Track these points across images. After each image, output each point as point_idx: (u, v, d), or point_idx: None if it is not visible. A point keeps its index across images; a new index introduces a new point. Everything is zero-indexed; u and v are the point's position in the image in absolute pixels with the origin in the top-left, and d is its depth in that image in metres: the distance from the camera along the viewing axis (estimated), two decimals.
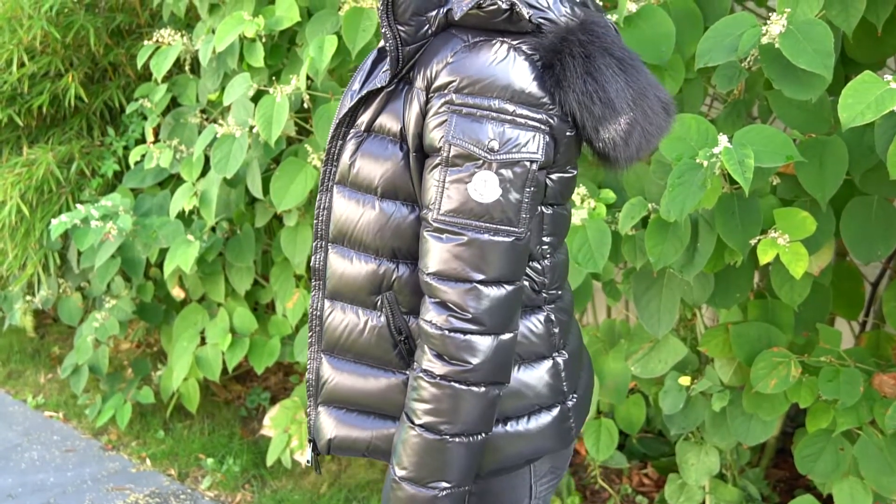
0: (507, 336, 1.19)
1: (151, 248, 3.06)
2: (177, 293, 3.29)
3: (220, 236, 3.01)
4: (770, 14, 1.68)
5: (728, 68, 1.82)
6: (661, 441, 3.00)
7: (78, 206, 2.93)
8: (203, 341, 3.16)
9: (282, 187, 2.55)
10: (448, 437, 1.17)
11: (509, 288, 1.17)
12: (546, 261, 1.28)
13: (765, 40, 1.66)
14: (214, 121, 3.00)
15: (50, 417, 3.67)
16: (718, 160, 1.60)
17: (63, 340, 4.32)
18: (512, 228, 1.15)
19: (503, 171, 1.13)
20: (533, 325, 1.29)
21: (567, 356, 1.33)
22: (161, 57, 2.83)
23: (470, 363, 1.16)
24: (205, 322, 3.18)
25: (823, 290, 2.11)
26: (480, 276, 1.15)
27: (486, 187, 1.13)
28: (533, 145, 1.13)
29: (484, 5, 1.13)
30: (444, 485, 1.19)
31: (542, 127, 1.13)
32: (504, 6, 1.12)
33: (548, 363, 1.31)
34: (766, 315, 2.11)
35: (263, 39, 2.56)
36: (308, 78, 2.40)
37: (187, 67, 3.07)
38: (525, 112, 1.12)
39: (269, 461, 2.97)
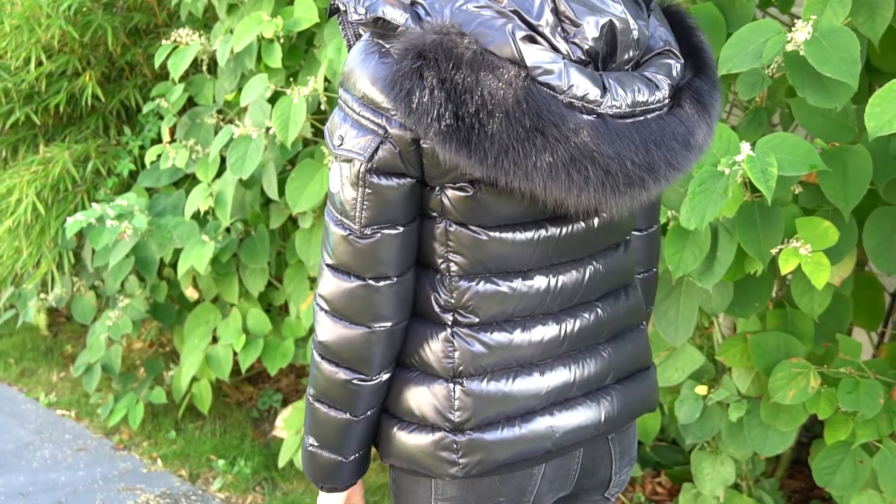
0: (358, 328, 1.22)
1: (166, 248, 3.06)
2: (190, 293, 3.29)
3: (235, 237, 3.01)
4: (794, 21, 1.67)
5: (751, 75, 1.80)
6: (674, 450, 2.98)
7: (93, 204, 2.93)
8: (215, 341, 3.16)
9: (297, 189, 2.54)
10: (310, 398, 1.30)
11: (356, 282, 1.21)
12: (455, 280, 1.23)
13: (789, 47, 1.64)
14: (231, 121, 3.00)
15: (62, 416, 3.67)
16: (741, 168, 1.58)
17: (76, 339, 4.33)
18: (347, 222, 1.18)
19: (342, 165, 1.17)
20: (430, 338, 1.26)
21: (472, 391, 1.25)
22: (178, 57, 2.83)
23: (318, 337, 1.26)
24: (217, 321, 3.18)
25: (843, 301, 2.09)
26: (328, 260, 1.22)
27: (332, 177, 1.19)
28: (364, 145, 1.14)
29: (363, 19, 1.13)
30: (312, 440, 1.32)
31: (378, 131, 1.13)
32: (370, 17, 1.12)
33: (439, 385, 1.26)
34: (786, 325, 2.09)
35: (281, 40, 2.55)
36: (326, 79, 2.39)
37: (204, 67, 3.07)
38: (367, 113, 1.13)
39: (281, 463, 2.96)
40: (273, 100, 2.57)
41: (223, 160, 2.78)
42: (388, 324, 1.24)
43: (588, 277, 1.30)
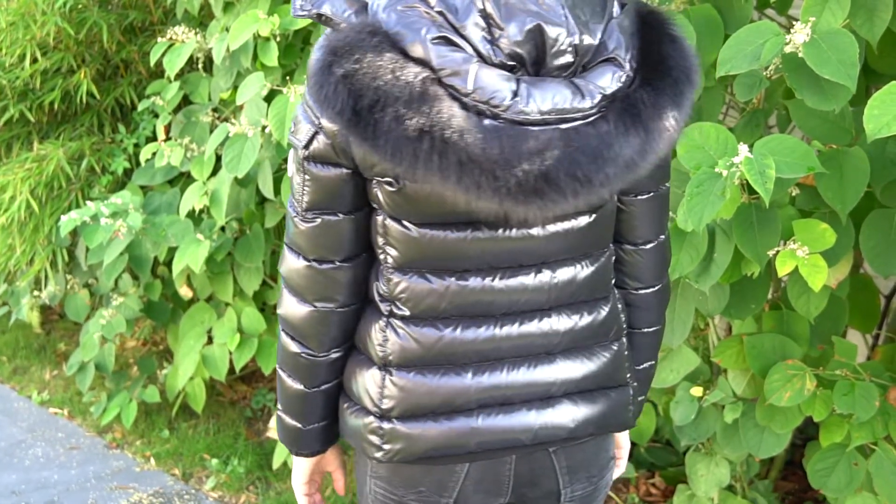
0: (305, 306, 1.30)
1: (160, 247, 3.05)
2: (184, 292, 3.28)
3: (230, 236, 3.00)
4: (791, 22, 1.67)
5: (749, 77, 1.80)
6: (669, 451, 2.98)
7: (87, 202, 2.92)
8: (210, 341, 3.15)
9: None
10: (277, 364, 1.39)
11: (302, 262, 1.28)
12: (390, 271, 1.26)
13: (788, 49, 1.64)
14: (226, 120, 2.99)
15: (55, 414, 3.66)
16: (738, 170, 1.58)
17: (69, 337, 4.31)
18: (296, 205, 1.25)
19: (292, 151, 1.25)
20: (372, 325, 1.31)
21: (399, 382, 1.28)
22: (174, 54, 2.82)
23: (278, 308, 1.35)
24: (212, 321, 3.17)
25: (839, 303, 2.09)
26: (286, 238, 1.29)
27: (289, 160, 1.28)
28: (304, 134, 1.21)
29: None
30: (279, 405, 1.41)
31: (315, 121, 1.19)
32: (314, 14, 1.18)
33: (373, 371, 1.30)
34: (781, 326, 2.09)
35: (278, 38, 2.54)
36: None
37: (200, 65, 3.05)
38: (309, 102, 1.19)
39: (275, 464, 2.95)
40: (269, 98, 2.56)
41: (218, 158, 2.77)
42: (332, 305, 1.30)
43: (536, 286, 1.27)
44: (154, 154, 2.99)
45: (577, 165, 1.08)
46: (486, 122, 1.07)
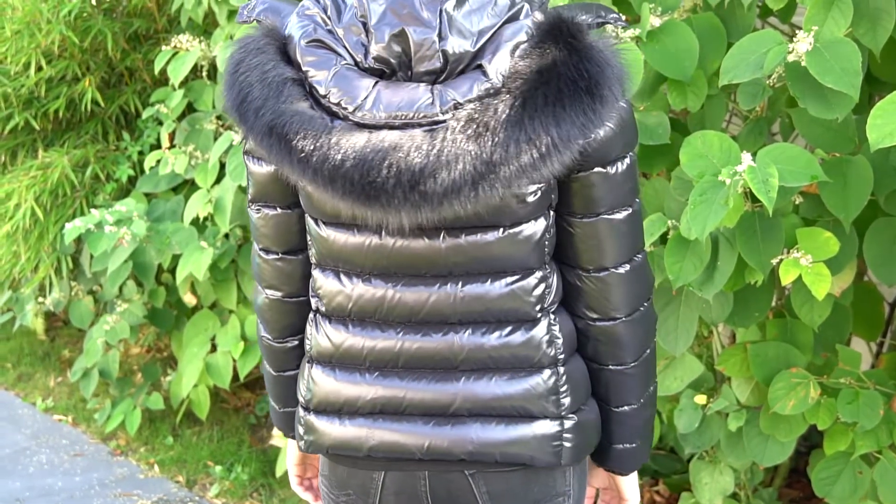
0: (260, 292, 1.38)
1: (164, 254, 3.06)
2: (188, 299, 3.28)
3: (234, 243, 3.00)
4: (794, 31, 1.67)
5: (752, 85, 1.80)
6: (673, 458, 2.97)
7: (92, 210, 2.93)
8: (214, 348, 3.15)
9: None
10: None
11: (256, 251, 1.36)
12: (314, 267, 1.31)
13: (791, 58, 1.64)
14: (230, 127, 3.00)
15: (59, 421, 3.66)
16: (742, 178, 1.58)
17: (73, 344, 4.32)
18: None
19: None
20: (308, 315, 1.36)
21: (315, 376, 1.33)
22: (178, 62, 2.83)
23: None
24: (216, 328, 3.17)
25: (843, 311, 2.08)
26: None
27: None
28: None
29: None
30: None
31: None
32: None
33: (306, 363, 1.36)
34: (785, 335, 2.08)
35: None
36: None
37: (204, 73, 3.06)
38: None
39: (279, 472, 2.95)
40: None
41: (222, 166, 2.78)
42: (279, 294, 1.36)
43: (438, 299, 1.24)
44: (158, 162, 2.99)
45: (404, 173, 1.08)
46: (336, 122, 1.11)
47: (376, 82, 1.12)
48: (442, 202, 1.09)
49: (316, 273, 1.30)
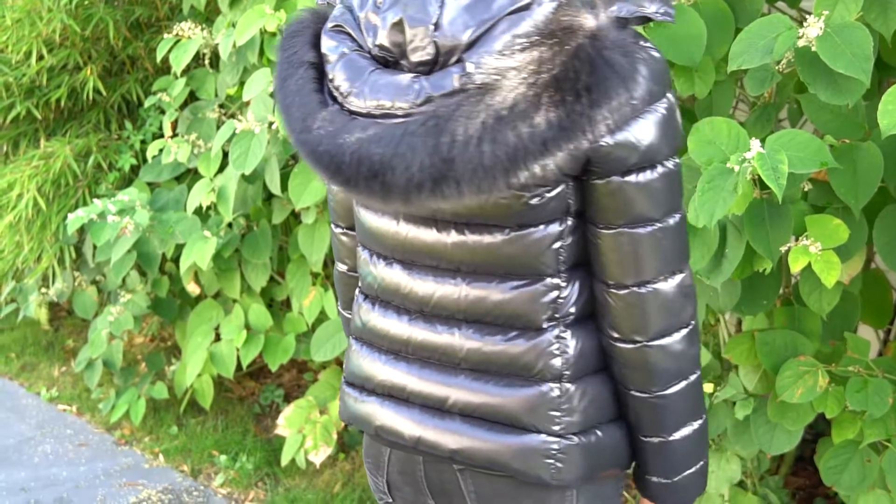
0: (335, 267, 1.52)
1: (168, 244, 3.05)
2: (192, 289, 3.28)
3: (237, 232, 2.99)
4: (804, 16, 1.65)
5: (760, 71, 1.78)
6: None
7: (95, 200, 2.92)
8: (218, 337, 3.14)
9: (300, 184, 2.53)
10: None
11: (331, 218, 1.49)
12: (358, 245, 1.38)
13: (801, 43, 1.62)
14: (233, 116, 2.98)
15: (63, 411, 3.66)
16: (750, 165, 1.56)
17: (77, 333, 4.32)
18: None
19: None
20: None
21: (351, 349, 1.41)
22: (180, 50, 2.81)
23: None
24: (219, 318, 3.17)
25: (852, 299, 2.07)
26: None
27: None
28: None
29: None
30: None
31: None
32: None
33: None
34: (793, 323, 2.07)
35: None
36: None
37: (206, 61, 3.05)
38: None
39: (284, 462, 2.94)
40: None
41: (225, 155, 2.76)
42: (344, 267, 1.46)
43: (444, 293, 1.22)
44: (161, 151, 2.98)
45: (364, 162, 1.08)
46: (334, 107, 1.14)
47: (372, 70, 1.12)
48: (408, 196, 1.07)
49: (359, 250, 1.35)
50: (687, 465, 1.28)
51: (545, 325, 1.20)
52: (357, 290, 1.39)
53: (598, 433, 1.25)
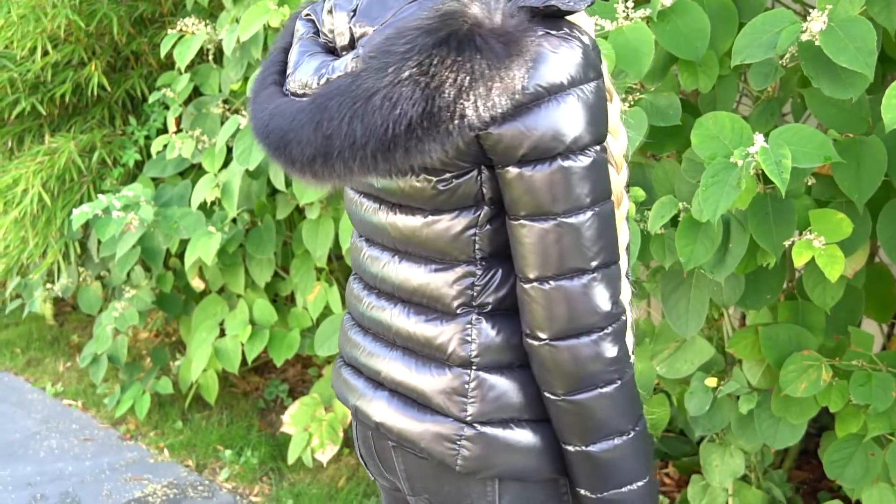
0: None
1: (172, 239, 3.05)
2: (196, 284, 3.28)
3: (241, 228, 3.00)
4: (807, 10, 1.65)
5: (764, 65, 1.77)
6: (682, 441, 2.97)
7: (99, 196, 2.92)
8: (222, 332, 3.15)
9: None
10: None
11: None
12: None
13: (804, 37, 1.62)
14: (237, 111, 2.99)
15: (69, 406, 3.68)
16: (754, 160, 1.56)
17: (82, 329, 4.33)
18: None
19: None
20: None
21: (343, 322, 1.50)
22: (184, 46, 2.81)
23: None
24: (224, 313, 3.17)
25: (856, 293, 2.07)
26: None
27: None
28: None
29: None
30: None
31: None
32: None
33: None
34: (797, 317, 2.07)
35: None
36: None
37: (210, 57, 3.05)
38: None
39: (290, 460, 2.95)
40: None
41: (229, 150, 2.77)
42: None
43: (386, 271, 1.28)
44: (165, 146, 2.98)
45: (272, 138, 1.15)
46: (270, 87, 1.22)
47: (310, 54, 1.20)
48: (308, 169, 1.11)
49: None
50: (617, 483, 1.20)
51: (459, 311, 1.20)
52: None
53: (515, 428, 1.22)
